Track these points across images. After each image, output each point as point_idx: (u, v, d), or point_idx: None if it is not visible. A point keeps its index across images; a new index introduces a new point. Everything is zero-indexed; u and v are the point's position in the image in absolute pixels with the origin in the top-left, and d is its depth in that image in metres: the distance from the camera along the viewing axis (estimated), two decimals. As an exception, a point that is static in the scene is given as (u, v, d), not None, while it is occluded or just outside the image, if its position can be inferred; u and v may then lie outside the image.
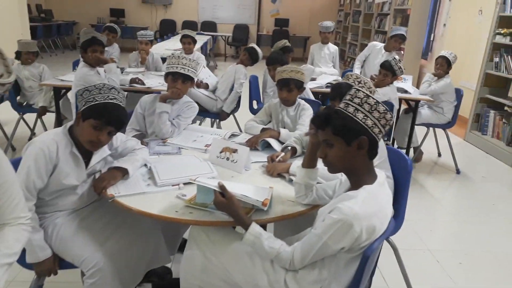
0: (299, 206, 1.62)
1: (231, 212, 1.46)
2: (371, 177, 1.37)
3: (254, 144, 2.23)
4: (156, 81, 3.95)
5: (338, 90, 2.05)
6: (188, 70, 2.33)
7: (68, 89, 3.63)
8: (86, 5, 12.18)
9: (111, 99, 1.63)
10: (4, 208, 1.20)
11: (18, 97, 4.05)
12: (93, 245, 1.65)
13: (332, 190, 1.60)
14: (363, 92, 1.34)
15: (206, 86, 4.07)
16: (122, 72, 4.09)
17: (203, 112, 4.03)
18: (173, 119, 2.39)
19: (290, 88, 2.45)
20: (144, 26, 11.42)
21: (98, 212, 1.80)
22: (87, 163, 1.72)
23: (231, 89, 3.99)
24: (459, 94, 4.18)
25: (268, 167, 1.95)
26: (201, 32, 11.28)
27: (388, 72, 3.60)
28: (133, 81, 3.74)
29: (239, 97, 4.04)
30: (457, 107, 4.20)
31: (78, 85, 3.36)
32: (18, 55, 3.97)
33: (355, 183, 1.39)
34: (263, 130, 2.42)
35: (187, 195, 1.62)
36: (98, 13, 12.15)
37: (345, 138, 1.33)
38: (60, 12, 12.04)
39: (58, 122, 3.86)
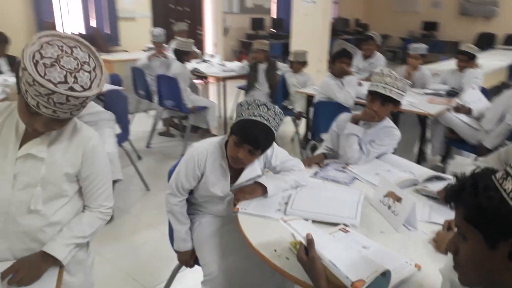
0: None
1: (310, 277, 1.11)
2: None
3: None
4: (415, 99, 3.50)
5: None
6: (391, 91, 1.93)
7: (312, 97, 3.74)
8: (401, 18, 12.24)
9: (255, 116, 1.53)
10: (90, 195, 1.35)
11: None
12: (217, 254, 1.64)
13: None
14: None
15: (468, 111, 3.30)
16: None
17: (458, 143, 3.31)
18: (365, 144, 2.06)
19: None
20: (456, 40, 10.43)
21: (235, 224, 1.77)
22: (235, 178, 1.70)
23: (501, 119, 3.06)
24: None
25: (438, 237, 1.37)
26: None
27: None
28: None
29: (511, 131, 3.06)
30: None
31: (318, 94, 3.44)
32: (292, 64, 4.41)
33: None
34: None
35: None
36: (410, 26, 11.99)
37: (486, 233, 0.75)
38: (376, 26, 12.60)
39: (307, 128, 4.08)
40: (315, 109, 3.38)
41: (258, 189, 1.64)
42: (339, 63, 3.29)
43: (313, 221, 1.46)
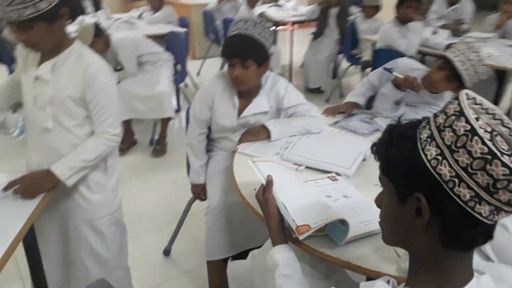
0: (390, 266, 1.00)
1: (264, 216, 1.10)
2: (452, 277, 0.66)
3: None
4: (498, 50, 3.05)
5: None
6: (467, 70, 1.66)
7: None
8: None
9: (232, 31, 1.59)
10: (95, 120, 1.41)
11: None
12: (221, 188, 1.70)
13: None
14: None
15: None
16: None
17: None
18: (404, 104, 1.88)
19: None
20: None
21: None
22: (243, 111, 1.71)
23: None
24: None
25: None
26: None
27: None
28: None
29: None
30: None
31: (379, 40, 3.19)
32: (364, 8, 4.08)
33: (413, 273, 0.72)
34: None
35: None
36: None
37: (397, 187, 0.69)
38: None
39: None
40: (373, 57, 3.15)
41: (262, 132, 1.64)
42: (405, 7, 2.97)
43: (307, 167, 1.43)
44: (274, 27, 5.55)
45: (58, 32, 1.32)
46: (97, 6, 4.41)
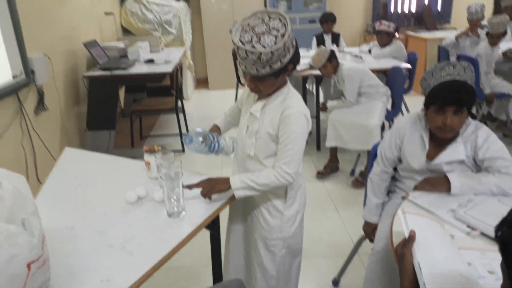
0: None
1: (399, 273, 1.03)
2: None
3: None
4: None
5: None
6: None
7: None
8: None
9: (443, 77, 1.50)
10: (277, 155, 1.51)
11: None
12: (388, 231, 1.63)
13: None
14: None
15: None
16: None
17: None
18: None
19: None
20: None
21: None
22: (434, 155, 1.61)
23: None
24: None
25: None
26: None
27: None
28: None
29: None
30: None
31: None
32: None
33: None
34: None
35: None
36: None
37: None
38: None
39: None
40: None
41: (442, 183, 1.50)
42: None
43: (482, 233, 1.24)
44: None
45: (280, 82, 1.50)
46: (336, 42, 4.84)
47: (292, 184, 1.56)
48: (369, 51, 4.30)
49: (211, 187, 1.49)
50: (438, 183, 1.51)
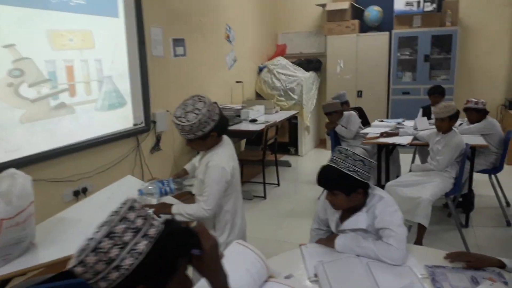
0: None
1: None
2: None
3: None
4: None
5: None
6: None
7: None
8: None
9: (328, 162, 1.75)
10: (202, 195, 1.98)
11: None
12: None
13: None
14: None
15: None
16: None
17: None
18: None
19: None
20: None
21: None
22: (344, 220, 1.81)
23: None
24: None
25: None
26: None
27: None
28: None
29: None
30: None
31: None
32: None
33: None
34: None
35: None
36: None
37: None
38: None
39: None
40: None
41: (332, 242, 1.73)
42: None
43: None
44: None
45: (209, 144, 1.98)
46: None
47: (218, 217, 2.05)
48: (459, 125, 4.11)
49: (159, 209, 2.03)
50: (330, 241, 1.75)
